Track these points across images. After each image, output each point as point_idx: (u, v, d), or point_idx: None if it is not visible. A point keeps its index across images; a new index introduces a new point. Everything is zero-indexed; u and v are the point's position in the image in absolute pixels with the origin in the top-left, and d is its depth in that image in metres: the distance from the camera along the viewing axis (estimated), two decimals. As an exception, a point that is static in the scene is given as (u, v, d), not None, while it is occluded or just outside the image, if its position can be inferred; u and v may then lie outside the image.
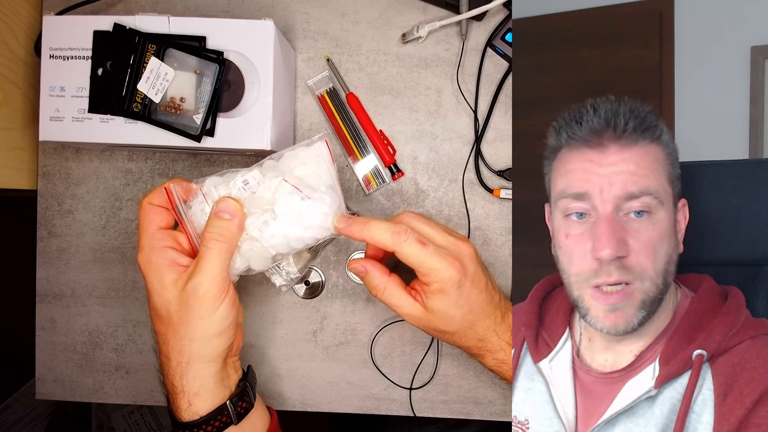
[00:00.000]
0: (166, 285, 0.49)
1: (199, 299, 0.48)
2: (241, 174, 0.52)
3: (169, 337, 0.50)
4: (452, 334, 0.54)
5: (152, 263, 0.50)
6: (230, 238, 0.50)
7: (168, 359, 0.51)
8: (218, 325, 0.50)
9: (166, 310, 0.49)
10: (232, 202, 0.50)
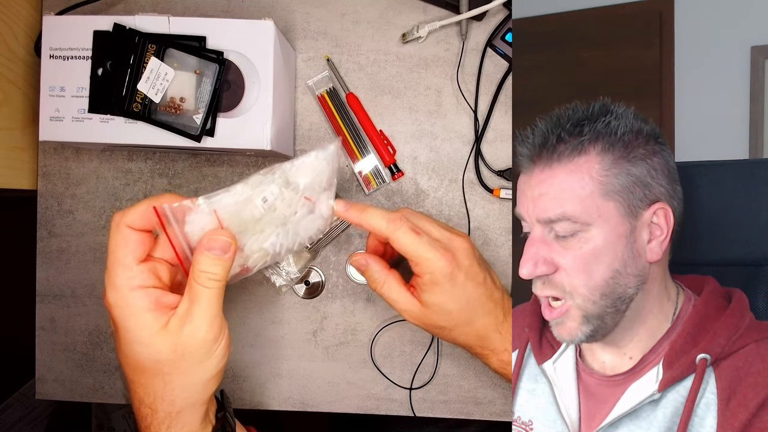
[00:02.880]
0: (154, 332, 0.42)
1: (198, 345, 0.43)
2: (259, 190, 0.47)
3: (156, 388, 0.44)
4: (450, 330, 0.54)
5: (131, 306, 0.42)
6: (225, 276, 0.44)
7: (153, 411, 0.45)
8: (215, 368, 0.46)
9: (154, 361, 0.43)
10: (223, 239, 0.44)
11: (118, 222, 0.43)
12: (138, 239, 0.44)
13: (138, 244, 0.44)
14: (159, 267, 0.45)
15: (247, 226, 0.47)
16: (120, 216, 0.44)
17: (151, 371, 0.44)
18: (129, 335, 0.43)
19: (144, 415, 0.45)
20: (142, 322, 0.42)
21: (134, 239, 0.44)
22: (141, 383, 0.45)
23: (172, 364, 0.43)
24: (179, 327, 0.43)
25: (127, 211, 0.44)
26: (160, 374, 0.44)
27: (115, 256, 0.43)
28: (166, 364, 0.43)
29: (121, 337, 0.43)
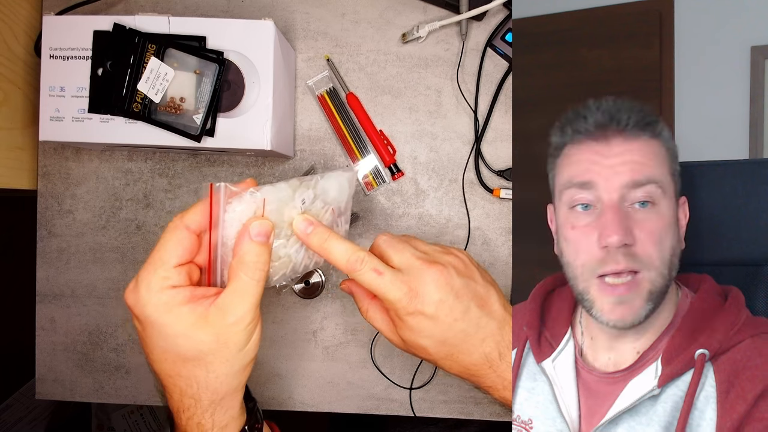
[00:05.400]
0: (193, 323, 0.43)
1: (241, 333, 0.44)
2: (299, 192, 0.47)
3: (199, 377, 0.45)
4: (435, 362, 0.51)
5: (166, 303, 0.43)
6: (267, 266, 0.45)
7: (197, 400, 0.46)
8: (253, 352, 0.47)
9: (196, 350, 0.44)
10: (268, 225, 0.45)
11: (177, 223, 0.44)
12: (189, 244, 0.44)
13: (187, 248, 0.44)
14: (193, 269, 0.46)
15: (282, 227, 0.47)
16: (179, 218, 0.44)
17: (194, 362, 0.44)
18: (167, 329, 0.43)
19: (187, 406, 0.46)
20: (179, 316, 0.43)
21: (186, 243, 0.44)
22: (183, 375, 0.45)
23: (216, 353, 0.44)
24: (222, 317, 0.43)
25: (186, 213, 0.44)
26: (203, 363, 0.44)
27: (160, 254, 0.44)
28: (210, 353, 0.44)
29: (157, 333, 0.44)
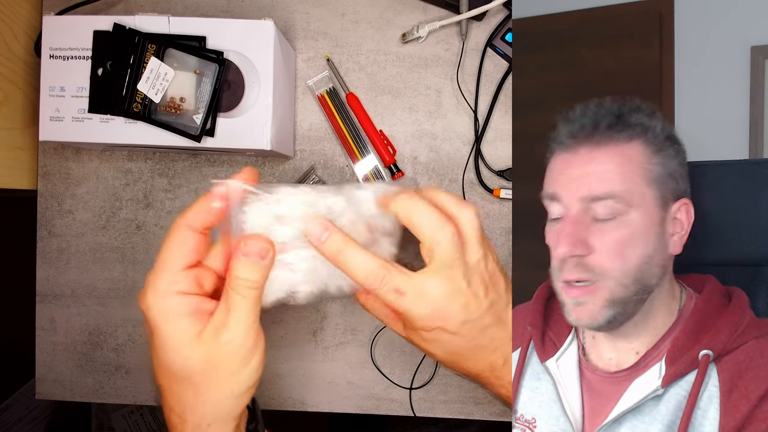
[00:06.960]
0: (187, 339, 0.41)
1: (232, 354, 0.41)
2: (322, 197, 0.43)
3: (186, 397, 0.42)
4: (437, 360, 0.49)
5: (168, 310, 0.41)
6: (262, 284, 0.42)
7: (183, 421, 0.43)
8: (250, 379, 0.43)
9: (186, 369, 0.41)
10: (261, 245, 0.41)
11: (179, 224, 0.42)
12: (193, 244, 0.42)
13: (192, 249, 0.42)
14: (204, 274, 0.43)
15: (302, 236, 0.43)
16: (180, 218, 0.42)
17: (183, 380, 0.42)
18: (162, 340, 0.41)
19: (174, 423, 0.44)
20: (177, 327, 0.41)
21: (190, 243, 0.42)
22: (172, 390, 0.43)
23: (204, 374, 0.41)
24: (214, 336, 0.41)
25: (185, 212, 0.42)
26: (191, 384, 0.42)
27: (164, 258, 0.42)
28: (197, 374, 0.41)
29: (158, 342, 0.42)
